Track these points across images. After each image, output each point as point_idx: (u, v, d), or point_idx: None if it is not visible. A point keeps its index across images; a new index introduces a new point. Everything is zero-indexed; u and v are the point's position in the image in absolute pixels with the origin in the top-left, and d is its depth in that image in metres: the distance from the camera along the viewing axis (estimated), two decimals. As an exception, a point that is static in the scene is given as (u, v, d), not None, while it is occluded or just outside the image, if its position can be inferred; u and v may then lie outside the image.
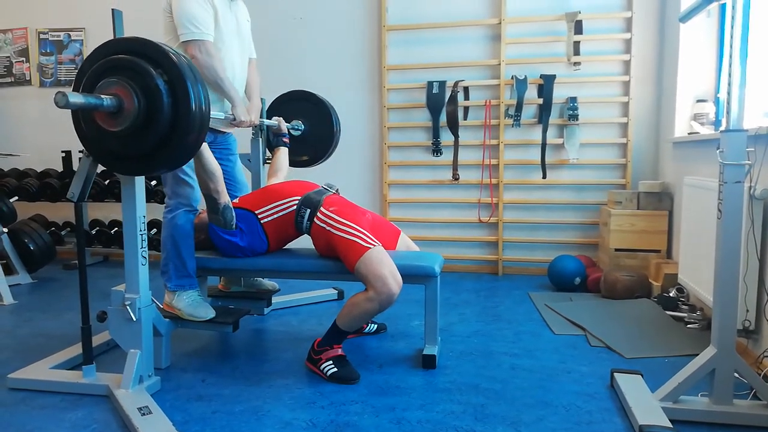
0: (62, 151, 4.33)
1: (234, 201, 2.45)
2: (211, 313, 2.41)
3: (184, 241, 2.42)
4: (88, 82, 1.80)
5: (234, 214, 2.38)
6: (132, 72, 1.75)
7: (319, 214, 2.36)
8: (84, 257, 2.13)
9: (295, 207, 2.40)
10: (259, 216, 2.42)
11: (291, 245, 2.62)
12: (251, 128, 3.22)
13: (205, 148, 2.23)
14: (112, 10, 1.96)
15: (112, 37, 2.00)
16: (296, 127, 3.28)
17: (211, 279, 3.11)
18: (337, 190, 2.57)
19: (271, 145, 3.17)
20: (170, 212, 2.44)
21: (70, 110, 1.81)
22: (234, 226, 2.38)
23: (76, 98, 1.63)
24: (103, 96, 1.71)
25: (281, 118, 3.10)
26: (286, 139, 3.10)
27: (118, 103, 1.73)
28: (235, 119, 2.45)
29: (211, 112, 1.99)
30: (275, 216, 2.42)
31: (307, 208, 2.38)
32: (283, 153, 3.06)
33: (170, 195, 2.46)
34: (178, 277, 2.42)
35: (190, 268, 2.44)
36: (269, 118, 3.19)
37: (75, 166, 2.32)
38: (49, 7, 4.72)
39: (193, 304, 2.41)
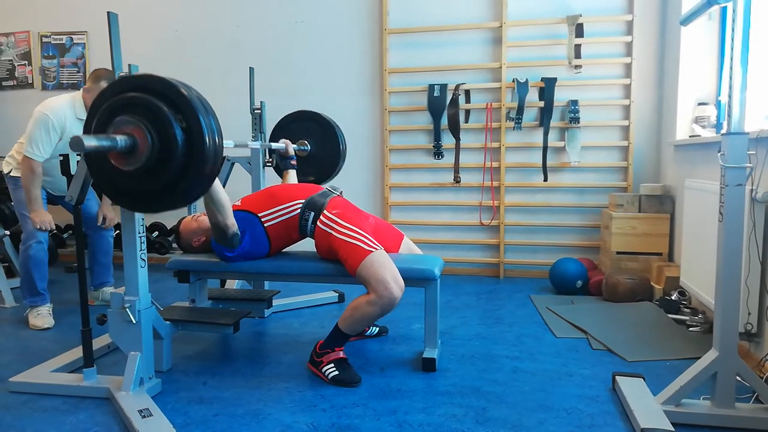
0: (60, 155, 4.34)
1: (236, 204, 2.44)
2: (47, 324, 2.94)
3: (36, 268, 3.00)
4: (101, 120, 1.80)
5: (240, 236, 2.37)
6: (143, 109, 1.74)
7: (322, 217, 2.36)
8: (83, 260, 2.13)
9: (299, 210, 2.39)
10: (263, 219, 2.41)
11: (292, 248, 2.62)
12: (252, 134, 3.26)
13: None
14: (108, 13, 1.96)
15: (110, 41, 2.01)
16: (302, 147, 3.29)
17: (211, 282, 3.11)
18: (341, 192, 2.57)
19: (280, 168, 3.18)
20: (23, 243, 3.00)
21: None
22: (238, 244, 2.38)
23: (91, 141, 1.62)
24: (117, 137, 1.71)
25: (288, 141, 3.11)
26: (293, 162, 3.11)
27: (132, 143, 1.73)
28: None
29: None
30: (279, 219, 2.41)
31: (311, 211, 2.38)
32: (291, 175, 3.08)
33: (22, 229, 3.04)
34: (31, 295, 3.02)
35: (40, 289, 3.03)
36: (276, 140, 3.20)
37: (73, 169, 2.37)
38: (52, 10, 4.74)
39: (38, 316, 2.97)
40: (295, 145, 3.20)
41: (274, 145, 3.05)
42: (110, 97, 1.81)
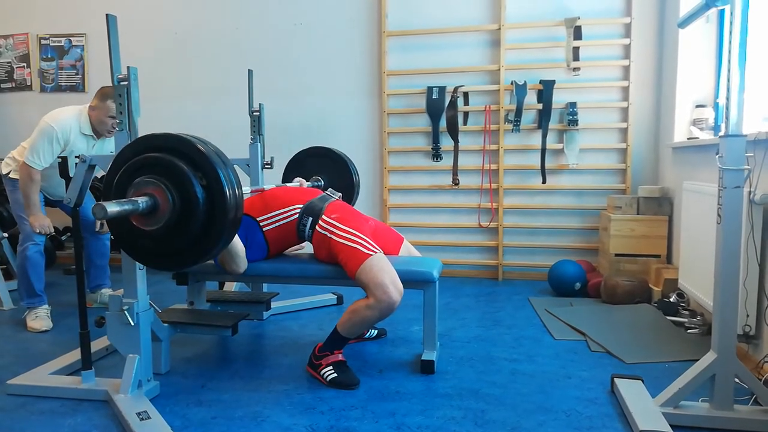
0: (59, 157, 4.34)
1: None
2: (45, 326, 2.93)
3: (33, 269, 3.02)
4: (121, 182, 1.81)
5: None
6: (162, 169, 1.76)
7: (320, 221, 2.35)
8: (82, 262, 2.14)
9: (297, 215, 2.39)
10: (261, 223, 2.41)
11: (290, 250, 2.62)
12: (251, 136, 3.27)
13: None
14: (107, 15, 1.96)
15: (109, 43, 2.00)
16: (316, 183, 3.30)
17: (210, 284, 3.11)
18: (340, 197, 2.57)
19: None
20: (20, 245, 3.03)
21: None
22: None
23: (113, 207, 1.64)
24: (138, 199, 1.73)
25: (302, 180, 3.11)
26: None
27: (153, 204, 1.75)
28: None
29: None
30: (277, 224, 2.41)
31: (309, 216, 2.38)
32: None
33: (20, 231, 3.07)
34: (28, 297, 3.03)
35: (37, 290, 3.04)
36: (289, 178, 3.20)
37: (72, 171, 2.41)
38: (50, 12, 4.74)
39: (36, 319, 2.98)
40: (309, 183, 3.21)
41: (288, 185, 3.06)
42: (129, 158, 1.83)
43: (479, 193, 4.14)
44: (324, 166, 3.36)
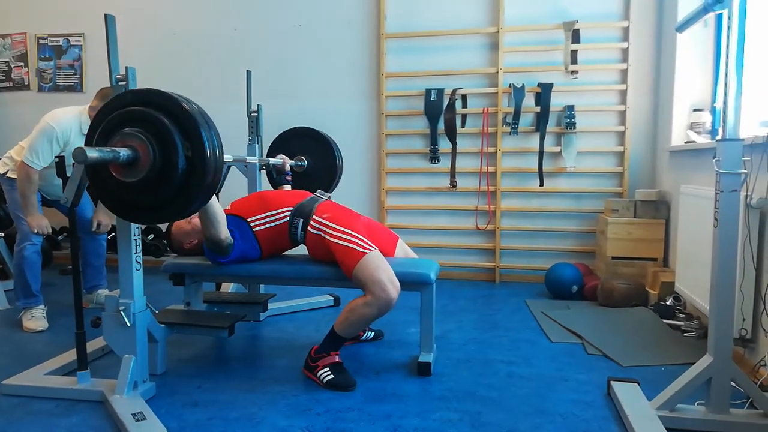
0: (56, 157, 4.33)
1: (226, 208, 2.43)
2: (41, 327, 2.93)
3: (30, 270, 3.00)
4: (104, 132, 1.80)
5: (233, 244, 2.36)
6: (145, 123, 1.75)
7: (312, 221, 2.36)
8: (78, 262, 2.13)
9: (287, 218, 2.39)
10: (252, 224, 2.41)
11: (287, 251, 2.62)
12: (249, 137, 3.28)
13: None
14: (105, 15, 1.96)
15: (107, 43, 2.00)
16: (299, 163, 3.30)
17: (207, 285, 3.10)
18: (329, 197, 2.57)
19: (275, 184, 3.18)
20: (17, 245, 3.03)
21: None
22: (231, 252, 2.38)
23: (94, 153, 1.64)
24: (119, 150, 1.72)
25: (285, 157, 3.11)
26: (288, 178, 3.11)
27: (134, 156, 1.74)
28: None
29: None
30: (268, 226, 2.41)
31: (300, 218, 2.38)
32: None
33: (17, 230, 3.06)
34: (24, 297, 3.02)
35: (34, 290, 3.02)
36: (273, 155, 3.21)
37: (69, 171, 2.40)
38: (49, 12, 4.73)
39: (32, 319, 2.97)
40: (292, 161, 3.21)
41: (272, 160, 3.06)
42: (115, 109, 1.82)
43: (477, 196, 4.15)
44: (308, 146, 3.35)
